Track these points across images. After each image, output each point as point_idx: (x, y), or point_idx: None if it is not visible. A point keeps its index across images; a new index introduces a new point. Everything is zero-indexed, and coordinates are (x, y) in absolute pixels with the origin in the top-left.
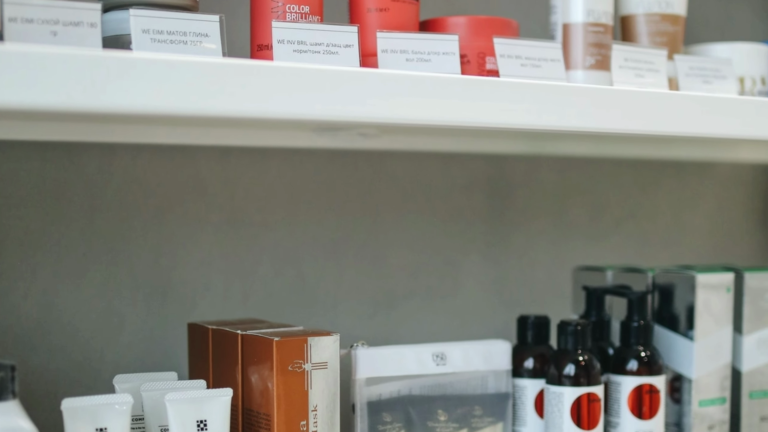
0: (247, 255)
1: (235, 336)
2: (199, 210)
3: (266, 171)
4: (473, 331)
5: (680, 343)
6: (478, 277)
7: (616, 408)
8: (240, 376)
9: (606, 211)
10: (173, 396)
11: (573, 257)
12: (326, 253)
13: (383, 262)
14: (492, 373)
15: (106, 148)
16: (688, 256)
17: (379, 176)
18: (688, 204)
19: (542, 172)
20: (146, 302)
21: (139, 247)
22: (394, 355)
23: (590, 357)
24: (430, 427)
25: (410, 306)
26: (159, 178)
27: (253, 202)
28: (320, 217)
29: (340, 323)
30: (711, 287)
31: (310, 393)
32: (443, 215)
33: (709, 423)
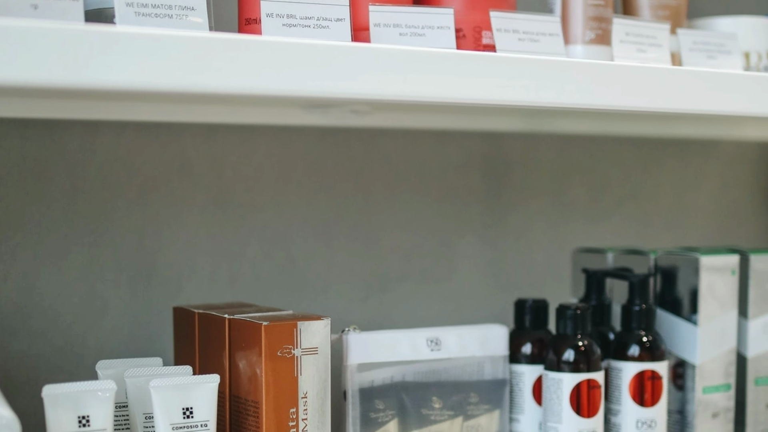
0: (234, 236)
1: (222, 320)
2: (185, 190)
3: (254, 149)
4: (469, 316)
5: (683, 327)
6: (473, 259)
7: (617, 395)
8: (227, 362)
9: (606, 191)
10: (158, 382)
11: (572, 239)
12: (316, 235)
13: (376, 244)
14: (488, 359)
15: (88, 126)
16: (692, 238)
17: (371, 155)
18: (692, 183)
19: (540, 150)
20: (130, 285)
21: (122, 228)
22: (387, 340)
23: (590, 342)
24: (425, 415)
25: (404, 289)
26: (143, 157)
27: (240, 181)
28: (310, 197)
29: (330, 307)
30: (715, 270)
31: (299, 379)
32: (438, 195)
33: (714, 410)
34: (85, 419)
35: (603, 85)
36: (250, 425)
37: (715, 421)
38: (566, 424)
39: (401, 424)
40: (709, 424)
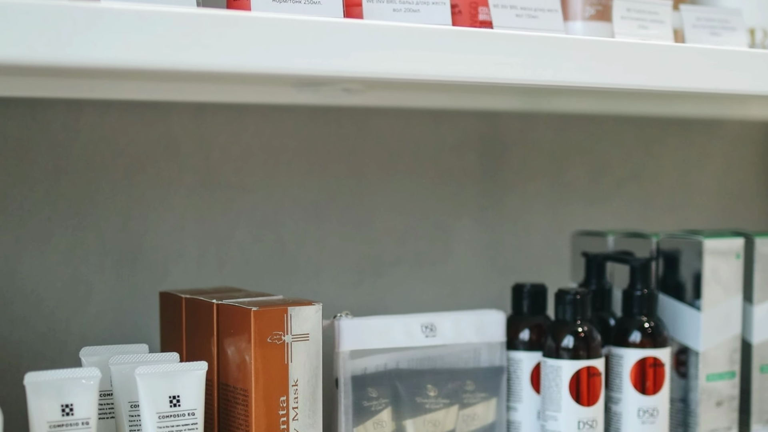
0: (222, 219)
1: (210, 306)
2: (172, 171)
3: (243, 129)
4: (465, 301)
5: (686, 313)
6: (470, 242)
7: (618, 383)
8: (215, 348)
9: (607, 172)
10: (144, 370)
11: (572, 221)
12: (307, 217)
13: (369, 227)
14: (485, 346)
15: (72, 105)
16: (695, 220)
17: (363, 135)
18: (695, 164)
19: (539, 130)
20: (115, 269)
21: (107, 210)
22: (381, 326)
23: (590, 328)
24: (419, 403)
25: (397, 273)
26: (129, 137)
27: (229, 162)
28: (301, 178)
29: (322, 292)
30: (719, 253)
31: (290, 367)
32: (433, 176)
33: (717, 399)
34: (68, 408)
35: (603, 63)
36: (238, 414)
37: (719, 409)
38: (565, 413)
39: (395, 412)
40: (713, 413)
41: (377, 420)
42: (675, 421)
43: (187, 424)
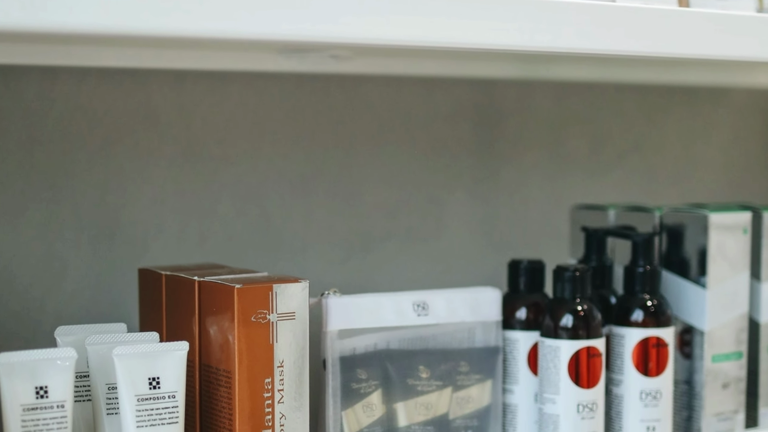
0: (204, 192)
1: (191, 283)
2: (151, 142)
3: (226, 98)
4: (459, 278)
5: (691, 290)
6: (464, 216)
7: (619, 363)
8: (197, 328)
9: (608, 143)
10: (122, 350)
11: (571, 194)
12: (294, 190)
13: (358, 200)
14: (480, 325)
15: (46, 72)
16: (700, 193)
17: (352, 103)
18: (700, 135)
19: (536, 98)
20: (92, 245)
21: (83, 183)
22: (370, 305)
23: (590, 306)
24: (411, 385)
25: (388, 249)
26: (106, 106)
27: (211, 132)
28: (287, 149)
29: (309, 268)
30: (725, 228)
31: (275, 347)
32: (425, 147)
33: (724, 380)
34: (43, 390)
35: (604, 28)
36: (221, 396)
37: (725, 391)
38: (564, 396)
39: (385, 395)
40: (719, 395)
41: (367, 403)
42: (679, 403)
43: (168, 407)
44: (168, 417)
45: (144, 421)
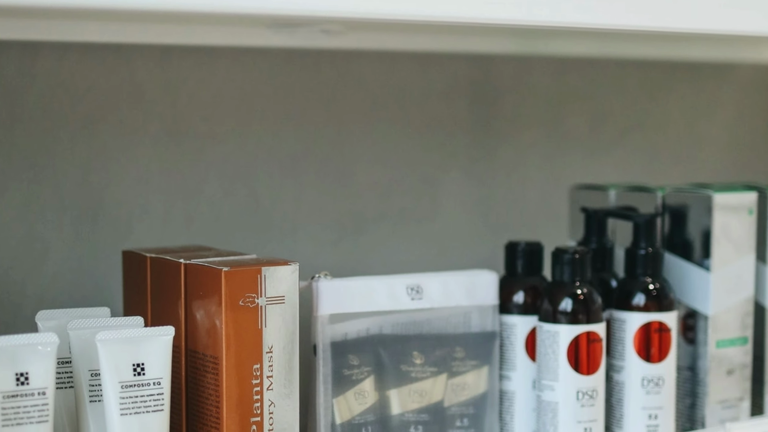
0: (191, 171)
1: (177, 266)
2: (136, 119)
3: (213, 74)
4: (454, 260)
5: (694, 273)
6: (459, 197)
7: (620, 349)
8: (183, 312)
9: (608, 121)
10: (105, 335)
11: (570, 174)
12: (283, 170)
13: (349, 180)
14: (476, 309)
15: (27, 48)
16: (704, 173)
17: (344, 80)
18: (704, 112)
19: (534, 75)
20: (74, 226)
21: (65, 162)
22: (362, 288)
23: (590, 290)
24: (404, 372)
25: (381, 231)
26: (89, 82)
27: (198, 110)
28: (276, 127)
29: (299, 251)
30: (730, 209)
31: (264, 332)
32: (419, 125)
33: (729, 366)
34: (23, 376)
35: (604, 2)
36: (208, 383)
37: (730, 378)
38: (563, 382)
39: (378, 381)
40: (724, 382)
41: (359, 390)
42: (682, 390)
43: (153, 394)
44: (153, 404)
45: (128, 408)
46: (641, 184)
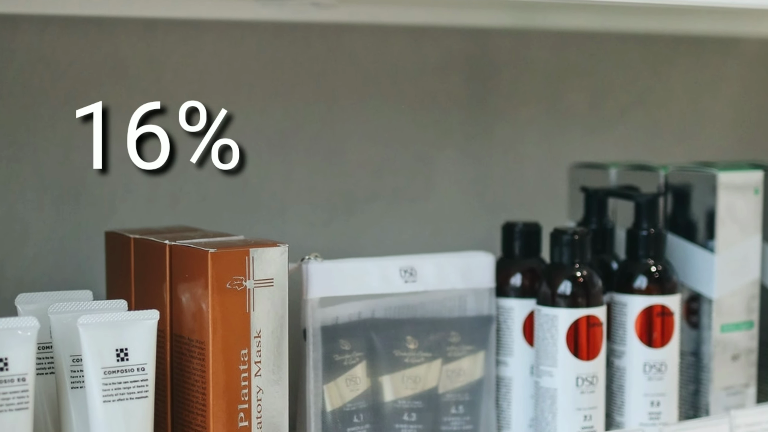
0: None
1: (162, 247)
2: (119, 95)
3: (200, 49)
4: (449, 241)
5: (698, 255)
6: (454, 175)
7: (621, 334)
8: (168, 295)
9: (609, 97)
10: (87, 319)
11: (569, 152)
12: (272, 148)
13: (340, 158)
14: (471, 292)
15: (6, 21)
16: (708, 151)
17: (335, 54)
18: (708, 87)
19: (532, 49)
20: (55, 206)
21: (46, 140)
22: (354, 271)
23: (590, 272)
24: (398, 357)
25: (373, 211)
26: (71, 57)
27: (183, 86)
28: (264, 103)
29: (288, 232)
30: (735, 188)
31: (252, 316)
32: (413, 102)
33: (734, 352)
34: (2, 362)
35: None
36: (194, 369)
37: (735, 364)
38: (562, 368)
39: (370, 367)
40: (729, 368)
41: (350, 376)
42: (685, 376)
43: (136, 380)
44: (137, 391)
45: (111, 395)
46: (643, 162)
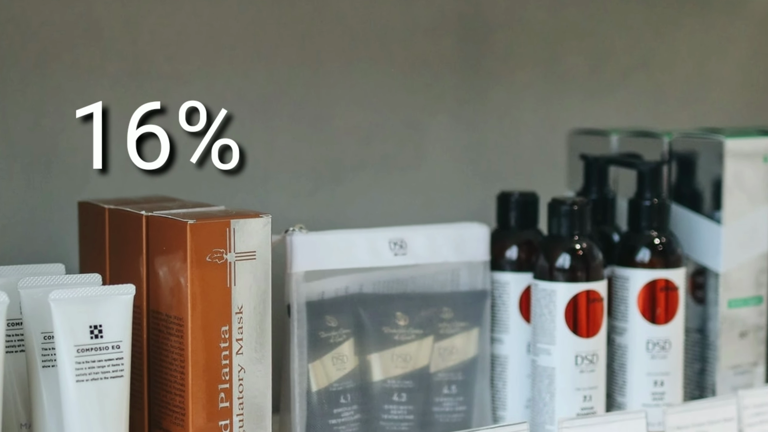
0: None
1: (138, 218)
2: (93, 58)
3: (178, 8)
4: (441, 212)
5: (704, 227)
6: (447, 142)
7: (623, 309)
8: (145, 269)
9: (610, 60)
10: (59, 294)
11: (568, 118)
12: (254, 113)
13: (327, 125)
14: (465, 266)
15: None
16: (715, 117)
17: (321, 14)
18: (715, 50)
19: (529, 9)
20: (25, 175)
21: (16, 104)
22: (341, 243)
23: (590, 245)
24: (387, 334)
25: (361, 180)
26: (42, 17)
27: (161, 48)
28: (246, 66)
29: (271, 202)
30: (743, 156)
31: (233, 291)
32: (403, 64)
33: (742, 328)
34: None
35: None
36: (172, 347)
37: (743, 341)
38: (560, 346)
39: (358, 345)
40: (736, 345)
41: (337, 354)
42: (691, 354)
43: (111, 358)
44: (112, 370)
45: (84, 374)
46: (646, 128)
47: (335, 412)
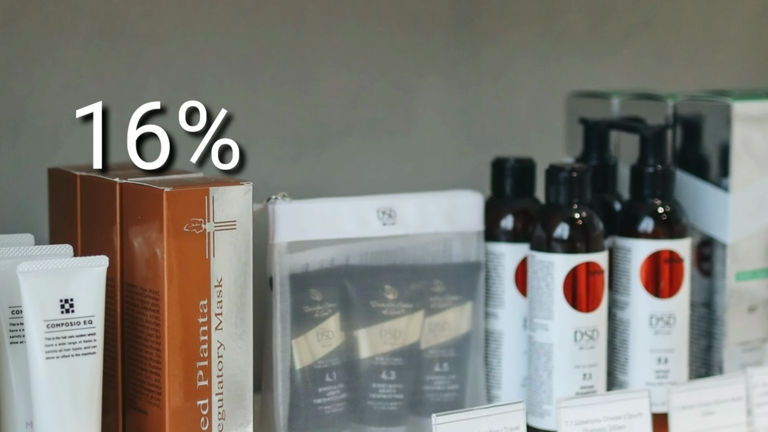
0: (127, 77)
1: (111, 186)
2: (64, 15)
3: None
4: (432, 179)
5: (711, 195)
6: (438, 105)
7: (625, 282)
8: (118, 240)
9: (611, 17)
10: (28, 267)
11: (567, 79)
12: (234, 74)
13: (311, 86)
14: (457, 236)
15: None
16: (722, 78)
17: None
18: (722, 7)
19: None
20: None
21: None
22: (326, 212)
23: (590, 214)
24: (375, 309)
25: (347, 145)
26: None
27: (135, 4)
28: (226, 25)
29: (252, 168)
30: (752, 119)
31: (212, 262)
32: (391, 22)
33: (750, 302)
34: None
35: None
36: (148, 322)
37: (752, 316)
38: (559, 321)
39: (344, 320)
40: (745, 320)
41: (322, 329)
42: (697, 330)
43: (83, 334)
44: (83, 346)
45: (54, 351)
46: (649, 90)
47: (320, 391)
